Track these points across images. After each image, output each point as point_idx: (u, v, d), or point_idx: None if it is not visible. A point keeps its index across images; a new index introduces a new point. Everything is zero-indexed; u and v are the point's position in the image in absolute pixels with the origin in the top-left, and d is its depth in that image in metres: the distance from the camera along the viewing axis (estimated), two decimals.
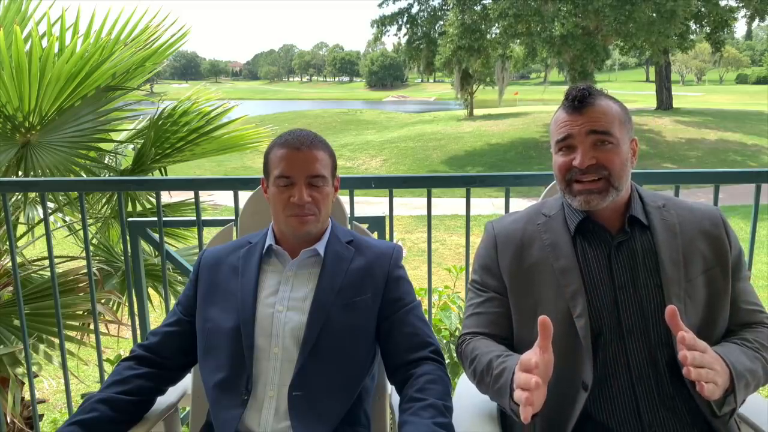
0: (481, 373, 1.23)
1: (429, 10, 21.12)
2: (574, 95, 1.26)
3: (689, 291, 1.23)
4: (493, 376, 1.18)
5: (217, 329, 1.35)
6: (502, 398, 1.17)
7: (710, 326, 1.24)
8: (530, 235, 1.34)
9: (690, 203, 1.35)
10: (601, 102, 1.26)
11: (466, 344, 1.33)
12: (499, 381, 1.16)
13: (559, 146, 1.28)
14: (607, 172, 1.23)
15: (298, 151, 1.36)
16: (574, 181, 1.26)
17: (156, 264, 2.73)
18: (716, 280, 1.26)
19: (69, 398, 2.30)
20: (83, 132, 2.62)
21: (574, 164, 1.24)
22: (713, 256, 1.27)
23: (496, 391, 1.18)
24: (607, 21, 15.37)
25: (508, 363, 1.17)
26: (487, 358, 1.23)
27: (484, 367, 1.22)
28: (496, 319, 1.33)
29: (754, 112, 22.77)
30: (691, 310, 1.22)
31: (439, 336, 2.76)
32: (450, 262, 7.00)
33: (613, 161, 1.23)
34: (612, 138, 1.23)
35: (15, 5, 2.81)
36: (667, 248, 1.25)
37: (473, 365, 1.27)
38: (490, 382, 1.20)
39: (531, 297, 1.29)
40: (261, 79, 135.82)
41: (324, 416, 1.27)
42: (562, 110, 1.29)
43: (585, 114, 1.24)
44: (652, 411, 1.19)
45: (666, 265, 1.23)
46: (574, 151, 1.25)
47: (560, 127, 1.28)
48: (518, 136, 18.53)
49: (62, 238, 3.59)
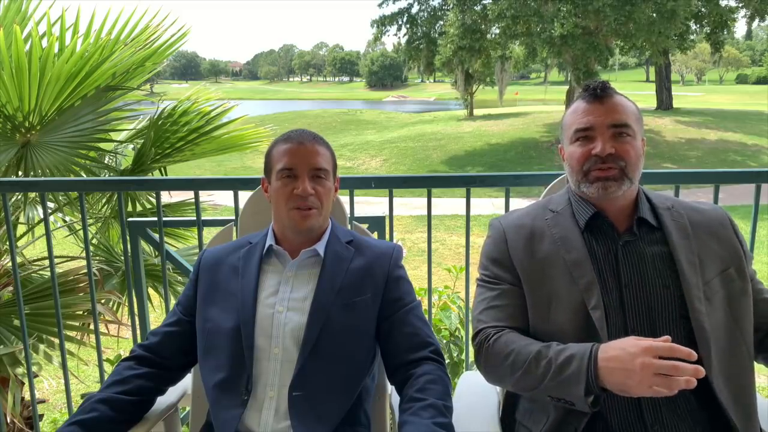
0: (528, 365, 1.18)
1: (429, 10, 21.11)
2: (595, 86, 1.30)
3: (707, 293, 1.23)
4: (553, 365, 1.13)
5: (217, 329, 1.35)
6: (570, 387, 1.11)
7: (735, 327, 1.23)
8: (540, 229, 1.34)
9: (695, 204, 1.36)
10: (619, 96, 1.31)
11: (494, 338, 1.26)
12: (567, 370, 1.11)
13: (577, 136, 1.30)
14: (624, 163, 1.26)
15: (302, 145, 1.38)
16: (592, 170, 1.27)
17: (156, 264, 2.73)
18: (732, 281, 1.26)
19: (69, 398, 2.30)
20: (83, 132, 2.62)
21: (595, 152, 1.26)
22: (727, 256, 1.28)
23: (562, 381, 1.12)
24: (607, 21, 15.36)
25: (572, 350, 1.13)
26: (532, 349, 1.18)
27: (531, 358, 1.17)
28: (515, 312, 1.30)
29: (754, 112, 22.78)
30: (711, 312, 1.22)
31: (439, 336, 2.76)
32: (450, 262, 6.99)
33: (630, 153, 1.26)
34: (630, 130, 1.27)
35: (15, 5, 2.81)
36: (683, 250, 1.25)
37: (510, 358, 1.21)
38: (547, 373, 1.15)
39: (544, 290, 1.28)
40: (261, 79, 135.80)
41: (324, 416, 1.27)
42: (581, 101, 1.31)
43: (605, 104, 1.28)
44: (655, 411, 1.19)
45: (684, 267, 1.23)
46: (592, 141, 1.28)
47: (580, 116, 1.29)
48: (518, 136, 18.53)
49: (62, 238, 3.59)
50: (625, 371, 1.05)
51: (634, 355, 1.04)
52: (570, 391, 1.12)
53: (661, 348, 1.03)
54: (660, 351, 1.03)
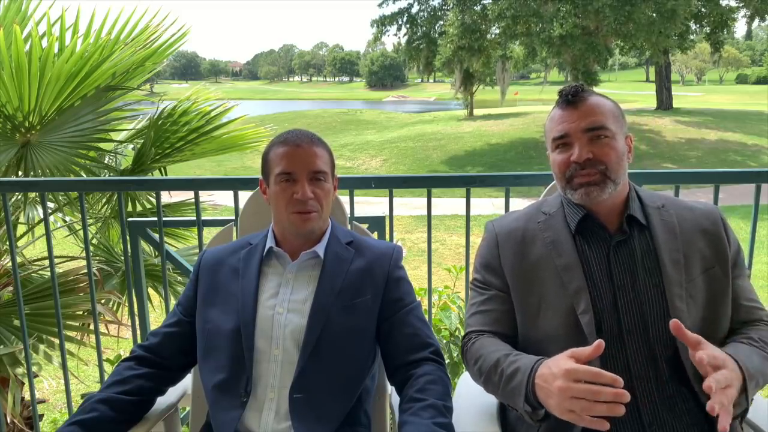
0: (488, 371, 1.22)
1: (429, 10, 21.11)
2: (567, 91, 1.29)
3: (690, 291, 1.23)
4: (504, 375, 1.17)
5: (217, 330, 1.35)
6: (514, 399, 1.15)
7: (712, 325, 1.24)
8: (531, 233, 1.34)
9: (689, 202, 1.35)
10: (594, 98, 1.29)
11: (471, 343, 1.31)
12: (512, 381, 1.14)
13: (555, 144, 1.30)
14: (603, 166, 1.25)
15: (299, 148, 1.37)
16: (574, 176, 1.27)
17: (156, 264, 2.73)
18: (717, 279, 1.26)
19: (69, 398, 2.30)
20: (83, 132, 2.62)
21: (573, 159, 1.26)
22: (713, 255, 1.27)
23: (508, 392, 1.16)
24: (607, 21, 15.36)
25: (520, 363, 1.15)
26: (494, 357, 1.21)
27: (491, 366, 1.21)
28: (500, 317, 1.32)
29: (754, 112, 22.77)
30: (692, 310, 1.22)
31: (439, 336, 2.76)
32: (450, 262, 6.99)
33: (609, 155, 1.25)
34: (607, 131, 1.26)
35: (15, 5, 2.81)
36: (667, 248, 1.25)
37: (478, 364, 1.25)
38: (500, 382, 1.18)
39: (534, 294, 1.29)
40: (261, 79, 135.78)
41: (325, 417, 1.27)
42: (557, 108, 1.31)
43: (580, 108, 1.27)
44: (652, 411, 1.19)
45: (667, 265, 1.23)
46: (571, 147, 1.27)
47: (557, 124, 1.30)
48: (518, 136, 18.53)
49: (62, 238, 3.59)
50: (547, 391, 1.06)
51: (555, 376, 1.04)
52: (516, 402, 1.14)
53: (582, 372, 1.02)
54: (581, 375, 1.01)
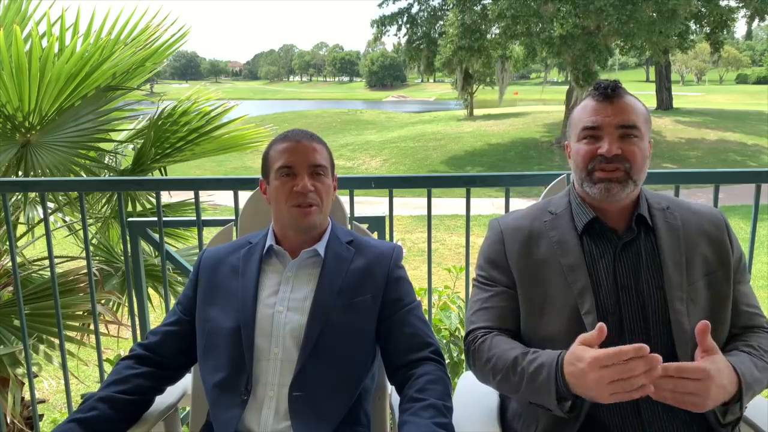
0: (505, 371, 1.20)
1: (429, 10, 21.08)
2: (606, 85, 1.28)
3: (691, 294, 1.23)
4: (526, 374, 1.15)
5: (217, 329, 1.35)
6: (541, 396, 1.13)
7: (713, 330, 1.23)
8: (537, 231, 1.34)
9: (693, 205, 1.35)
10: (630, 97, 1.29)
11: (480, 341, 1.29)
12: (537, 379, 1.13)
13: (584, 134, 1.29)
14: (629, 165, 1.25)
15: (299, 143, 1.39)
16: (596, 170, 1.27)
17: (156, 264, 2.73)
18: (718, 284, 1.26)
19: (69, 398, 2.30)
20: (83, 132, 2.62)
21: (600, 152, 1.25)
22: (715, 260, 1.27)
23: (534, 390, 1.14)
24: (609, 20, 15.35)
25: (541, 360, 1.14)
26: (510, 356, 1.20)
27: (508, 366, 1.19)
28: (505, 314, 1.31)
29: (754, 112, 22.79)
30: (693, 314, 1.21)
31: (439, 336, 2.76)
32: (450, 262, 6.99)
33: (636, 154, 1.25)
34: (638, 132, 1.26)
35: (15, 5, 2.81)
36: (670, 251, 1.25)
37: (491, 363, 1.23)
38: (521, 381, 1.16)
39: (539, 292, 1.28)
40: (261, 79, 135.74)
41: (324, 416, 1.27)
42: (591, 99, 1.30)
43: (615, 104, 1.27)
44: (653, 412, 1.19)
45: (669, 267, 1.23)
46: (599, 140, 1.26)
47: (589, 115, 1.28)
48: (518, 136, 18.55)
49: (62, 238, 3.59)
50: (584, 387, 1.06)
51: (584, 371, 1.04)
52: (544, 399, 1.14)
53: (604, 358, 1.02)
54: (604, 361, 1.02)
